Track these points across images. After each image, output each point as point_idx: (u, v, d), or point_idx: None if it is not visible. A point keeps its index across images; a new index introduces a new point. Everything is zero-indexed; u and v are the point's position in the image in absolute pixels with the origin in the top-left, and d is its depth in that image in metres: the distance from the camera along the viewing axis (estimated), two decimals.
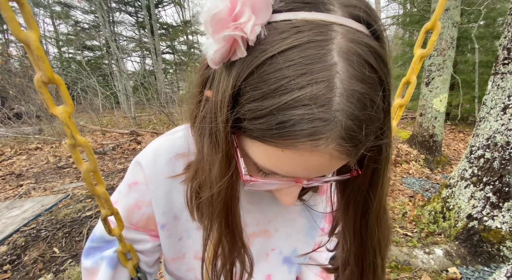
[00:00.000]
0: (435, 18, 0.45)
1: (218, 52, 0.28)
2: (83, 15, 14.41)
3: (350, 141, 0.26)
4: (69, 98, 0.34)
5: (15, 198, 3.11)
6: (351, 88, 0.25)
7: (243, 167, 0.33)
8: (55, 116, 0.34)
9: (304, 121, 0.25)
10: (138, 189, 0.46)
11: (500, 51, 2.02)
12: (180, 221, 0.48)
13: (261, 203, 0.51)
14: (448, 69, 3.96)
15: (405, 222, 2.49)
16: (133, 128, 6.84)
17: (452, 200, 2.25)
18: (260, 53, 0.26)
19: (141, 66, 16.66)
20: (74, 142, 0.35)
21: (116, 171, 4.04)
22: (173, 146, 0.46)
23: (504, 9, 6.13)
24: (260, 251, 0.53)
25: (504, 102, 1.93)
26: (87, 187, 0.39)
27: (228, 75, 0.29)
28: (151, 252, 0.52)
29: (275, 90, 0.25)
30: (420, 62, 0.49)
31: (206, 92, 0.35)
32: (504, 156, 1.90)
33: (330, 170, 0.31)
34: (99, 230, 0.50)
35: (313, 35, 0.25)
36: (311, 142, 0.26)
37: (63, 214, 2.65)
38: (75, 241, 2.29)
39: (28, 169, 4.25)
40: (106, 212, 0.42)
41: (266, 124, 0.26)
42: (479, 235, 1.93)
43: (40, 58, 0.30)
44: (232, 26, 0.26)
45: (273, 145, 0.27)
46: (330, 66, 0.25)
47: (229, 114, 0.29)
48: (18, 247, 2.18)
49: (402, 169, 3.89)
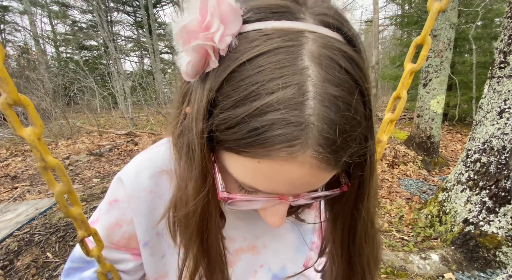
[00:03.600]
0: (425, 33, 0.43)
1: (190, 64, 0.28)
2: (80, 14, 14.35)
3: (328, 146, 0.25)
4: (38, 119, 0.33)
5: (9, 201, 3.08)
6: (324, 91, 0.24)
7: (220, 182, 0.32)
8: (23, 138, 0.32)
9: (277, 127, 0.24)
10: (119, 207, 0.45)
11: (496, 55, 2.01)
12: (163, 237, 0.46)
13: (249, 218, 0.50)
14: (446, 70, 3.95)
15: (402, 226, 2.48)
16: (131, 129, 6.82)
17: (448, 204, 2.24)
18: (231, 62, 0.26)
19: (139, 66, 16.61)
20: (45, 164, 0.34)
21: (113, 172, 4.01)
22: (156, 161, 0.45)
23: (502, 10, 6.14)
24: (248, 268, 0.52)
25: (500, 106, 1.92)
26: (61, 209, 0.37)
27: (202, 88, 0.29)
28: (134, 271, 0.51)
29: (245, 97, 0.25)
30: (411, 77, 0.48)
31: (185, 108, 0.35)
32: (500, 160, 1.89)
33: (314, 184, 0.30)
34: (78, 250, 0.48)
35: (282, 41, 0.25)
36: (286, 149, 0.24)
37: (57, 217, 2.63)
38: (69, 245, 2.27)
39: (24, 170, 4.22)
40: (83, 234, 0.40)
41: (239, 133, 0.25)
42: (475, 240, 1.92)
43: (3, 80, 0.29)
44: (202, 37, 0.26)
45: (249, 156, 0.26)
46: (301, 70, 0.24)
47: (204, 126, 0.28)
48: (11, 252, 2.15)
49: (400, 171, 3.88)
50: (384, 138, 0.52)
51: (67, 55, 15.03)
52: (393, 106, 0.52)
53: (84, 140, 6.21)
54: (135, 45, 15.69)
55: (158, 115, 8.64)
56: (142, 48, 15.38)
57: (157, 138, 5.89)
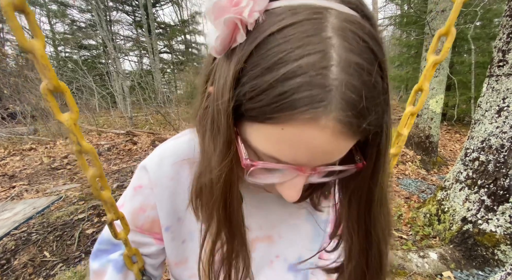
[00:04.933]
0: (450, 23, 0.42)
1: (219, 39, 0.30)
2: (79, 13, 14.31)
3: (349, 110, 0.26)
4: (74, 105, 0.35)
5: (6, 200, 3.06)
6: (347, 59, 0.25)
7: (244, 151, 0.33)
8: (61, 123, 0.34)
9: (302, 89, 0.25)
10: (143, 193, 0.47)
11: (495, 53, 2.01)
12: (184, 222, 0.49)
13: (265, 207, 0.51)
14: (445, 70, 3.96)
15: (400, 225, 2.48)
16: (129, 129, 6.80)
17: (447, 203, 2.24)
18: (259, 34, 0.28)
19: (138, 65, 16.58)
20: (80, 148, 0.35)
21: (111, 172, 4.00)
22: (178, 150, 0.48)
23: (500, 10, 6.15)
24: (264, 257, 0.52)
25: (499, 105, 1.92)
26: (93, 192, 0.39)
27: (229, 62, 0.30)
28: (156, 255, 0.53)
29: (273, 64, 0.26)
30: (434, 69, 0.46)
31: (209, 88, 0.36)
32: (499, 159, 1.89)
33: (333, 154, 0.31)
34: (107, 232, 0.50)
35: (308, 15, 0.27)
36: (310, 111, 0.25)
37: (55, 216, 2.62)
38: (66, 244, 2.26)
39: (22, 170, 4.20)
40: (112, 217, 0.42)
41: (266, 100, 0.27)
42: (473, 238, 1.92)
43: (45, 67, 0.30)
44: (232, 11, 0.28)
45: (273, 123, 0.28)
46: (325, 39, 0.26)
47: (231, 95, 0.30)
48: (8, 251, 2.14)
49: (398, 170, 3.88)
50: (405, 132, 0.51)
51: (66, 55, 14.97)
52: (414, 100, 0.51)
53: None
54: (134, 44, 15.65)
55: (157, 115, 8.62)
56: (141, 48, 15.34)
57: (156, 138, 5.87)
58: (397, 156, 0.54)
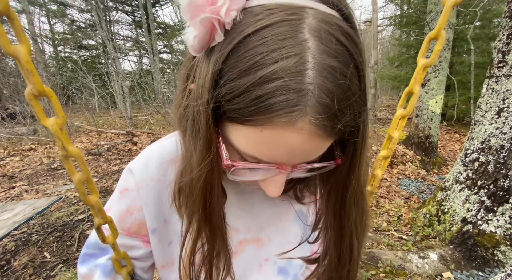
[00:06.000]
0: (440, 27, 0.42)
1: (196, 38, 0.29)
2: (79, 13, 14.30)
3: (324, 113, 0.26)
4: (60, 110, 0.34)
5: (6, 201, 3.06)
6: (322, 62, 0.26)
7: (225, 151, 0.33)
8: (46, 128, 0.34)
9: (279, 93, 0.25)
10: (129, 195, 0.47)
11: (494, 54, 2.02)
12: (170, 223, 0.48)
13: (253, 210, 0.51)
14: (444, 70, 3.96)
15: (400, 225, 2.48)
16: (129, 129, 6.80)
17: (447, 203, 2.25)
18: (236, 34, 0.28)
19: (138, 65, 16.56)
20: (66, 153, 0.35)
21: (111, 172, 3.99)
22: (164, 151, 0.47)
23: (500, 10, 6.16)
24: (252, 260, 0.52)
25: (498, 106, 1.92)
26: (80, 197, 0.38)
27: (208, 61, 0.30)
28: (145, 258, 0.53)
29: (250, 67, 0.26)
30: (424, 72, 0.47)
31: (189, 85, 0.36)
32: (499, 160, 1.89)
33: (311, 153, 0.31)
34: (94, 236, 0.50)
35: (284, 15, 0.27)
36: (286, 114, 0.26)
37: (55, 217, 2.61)
38: (67, 245, 2.25)
39: (21, 170, 4.19)
40: (100, 221, 0.42)
41: (244, 102, 0.27)
42: (473, 239, 1.92)
43: (29, 72, 0.30)
44: (208, 10, 0.28)
45: (252, 125, 0.28)
46: (301, 42, 0.26)
47: (209, 97, 0.30)
48: (8, 252, 2.14)
49: (398, 170, 3.89)
50: (395, 135, 0.51)
51: (65, 55, 14.97)
52: (405, 103, 0.51)
53: (82, 139, 6.18)
54: (134, 44, 15.65)
55: (157, 115, 8.61)
56: (140, 48, 15.34)
57: (156, 138, 5.87)
58: (388, 158, 0.54)
